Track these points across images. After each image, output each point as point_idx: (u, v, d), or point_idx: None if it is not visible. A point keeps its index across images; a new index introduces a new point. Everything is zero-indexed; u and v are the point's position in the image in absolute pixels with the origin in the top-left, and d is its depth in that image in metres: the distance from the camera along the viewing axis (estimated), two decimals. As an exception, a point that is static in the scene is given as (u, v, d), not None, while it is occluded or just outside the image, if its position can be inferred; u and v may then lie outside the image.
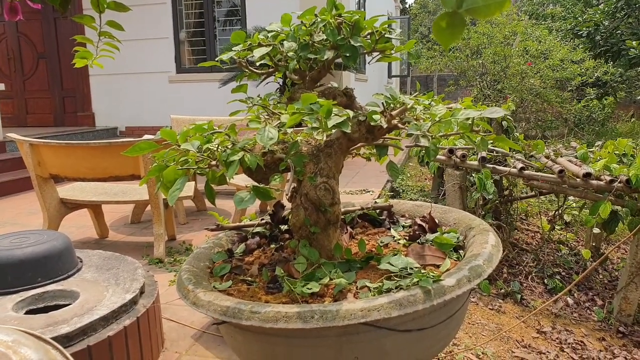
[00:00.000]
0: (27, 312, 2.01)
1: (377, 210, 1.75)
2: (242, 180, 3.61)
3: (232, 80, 6.36)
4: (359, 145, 1.54)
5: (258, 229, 1.65)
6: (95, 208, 3.74)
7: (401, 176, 6.40)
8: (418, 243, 1.43)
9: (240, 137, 1.33)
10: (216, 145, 1.26)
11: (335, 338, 1.07)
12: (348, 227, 1.61)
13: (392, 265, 1.26)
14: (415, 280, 1.11)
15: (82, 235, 3.93)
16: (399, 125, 1.19)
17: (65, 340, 1.76)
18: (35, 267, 2.12)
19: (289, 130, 1.43)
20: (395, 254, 1.33)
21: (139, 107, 7.76)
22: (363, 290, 1.16)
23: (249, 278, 1.29)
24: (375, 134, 1.27)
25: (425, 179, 6.42)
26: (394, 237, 1.50)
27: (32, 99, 8.71)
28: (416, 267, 1.26)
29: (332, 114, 1.10)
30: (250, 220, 1.65)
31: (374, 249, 1.42)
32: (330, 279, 1.22)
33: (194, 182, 3.79)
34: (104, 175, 3.24)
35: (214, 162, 1.25)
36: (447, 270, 1.22)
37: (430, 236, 1.46)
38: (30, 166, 3.35)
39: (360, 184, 5.52)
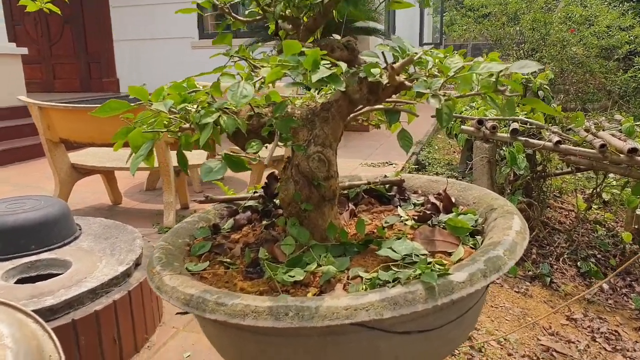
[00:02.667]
0: (18, 281, 1.92)
1: (387, 186, 1.55)
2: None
3: (253, 44, 6.13)
4: (364, 110, 1.33)
5: (250, 203, 1.48)
6: (107, 174, 3.65)
7: (428, 148, 6.12)
8: (428, 225, 1.22)
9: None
10: (196, 106, 1.07)
11: (318, 338, 0.89)
12: (350, 204, 1.42)
13: (394, 251, 1.07)
14: (417, 272, 0.92)
15: (96, 201, 3.87)
16: (406, 83, 0.97)
17: (49, 313, 1.66)
18: (28, 234, 2.02)
19: (290, 92, 1.23)
20: (400, 238, 1.13)
21: (162, 73, 7.65)
22: (355, 281, 0.97)
23: (227, 260, 1.12)
24: (379, 94, 1.05)
25: (454, 151, 6.13)
26: (401, 217, 1.29)
27: (59, 64, 8.71)
28: (422, 255, 1.06)
29: (320, 67, 0.89)
30: (256, 192, 1.47)
31: (375, 230, 1.23)
32: (319, 265, 1.04)
33: (206, 152, 3.64)
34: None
35: (186, 125, 1.06)
36: (460, 260, 1.02)
37: (444, 217, 1.26)
38: (41, 130, 3.26)
39: (383, 156, 5.28)
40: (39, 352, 1.46)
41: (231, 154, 0.93)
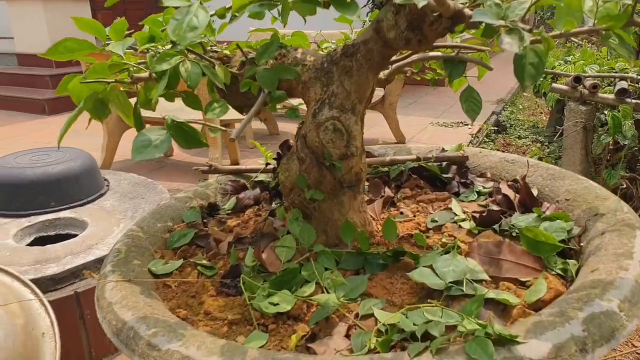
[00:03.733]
0: (36, 240, 1.79)
1: (443, 164, 1.17)
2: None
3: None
4: (410, 59, 0.95)
5: (263, 177, 1.17)
6: (157, 125, 3.50)
7: (510, 108, 5.44)
8: (494, 231, 0.84)
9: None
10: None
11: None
12: (387, 188, 1.06)
13: (436, 274, 0.71)
14: (464, 326, 0.56)
15: (149, 151, 3.76)
16: (465, 10, 0.58)
17: (51, 282, 1.49)
18: (47, 190, 1.87)
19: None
20: (448, 251, 0.77)
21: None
22: (366, 325, 0.64)
23: (204, 262, 0.82)
24: (425, 32, 0.67)
25: (541, 112, 5.40)
26: (455, 214, 0.92)
27: (130, 10, 8.71)
28: (479, 281, 0.70)
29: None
30: (269, 165, 1.15)
31: (417, 231, 0.87)
32: (320, 287, 0.71)
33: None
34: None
35: (144, 74, 0.75)
36: (539, 303, 0.65)
37: (519, 219, 0.87)
38: (89, 75, 3.12)
39: (458, 115, 4.74)
40: (25, 332, 1.29)
41: (181, 121, 0.61)
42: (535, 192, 0.97)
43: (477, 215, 0.90)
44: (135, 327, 0.61)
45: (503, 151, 4.06)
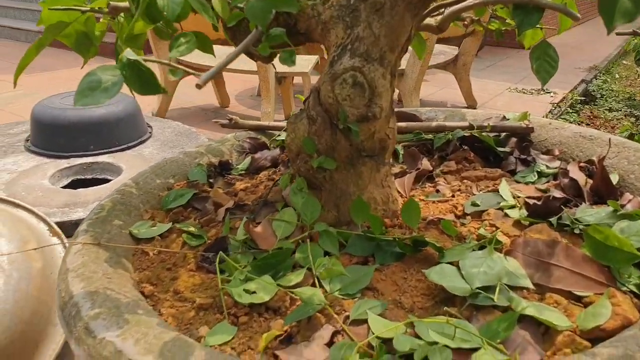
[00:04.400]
0: (73, 182, 1.78)
1: (501, 135, 0.97)
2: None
3: None
4: (468, 3, 0.75)
5: (283, 136, 1.03)
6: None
7: (604, 76, 4.87)
8: (550, 225, 0.66)
9: None
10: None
11: None
12: (424, 160, 0.88)
13: (461, 274, 0.56)
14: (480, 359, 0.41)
15: (205, 101, 3.73)
16: None
17: (76, 227, 1.47)
18: (86, 133, 1.85)
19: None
20: (484, 246, 0.61)
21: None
22: (356, 334, 0.50)
23: (192, 229, 0.70)
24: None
25: None
26: (503, 198, 0.74)
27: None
28: (518, 289, 0.54)
29: None
30: None
31: (450, 216, 0.71)
32: (312, 275, 0.57)
33: (316, 55, 3.18)
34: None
35: (123, 3, 0.62)
36: (598, 328, 0.48)
37: (587, 213, 0.68)
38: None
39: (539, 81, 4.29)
40: (43, 276, 1.27)
41: (141, 60, 0.48)
42: (614, 179, 0.76)
43: (531, 202, 0.72)
44: (79, 304, 0.51)
45: (588, 125, 3.64)
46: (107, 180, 1.74)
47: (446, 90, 4.03)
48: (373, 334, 0.47)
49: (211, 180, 0.89)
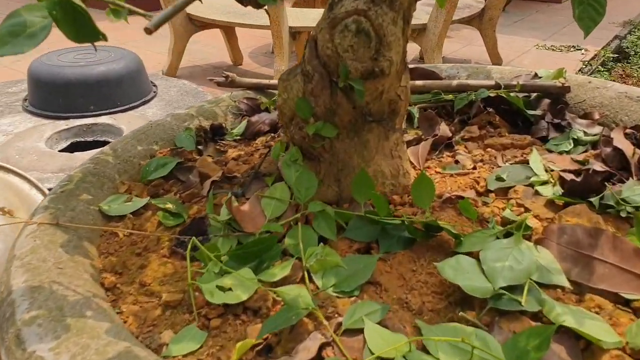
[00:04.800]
0: (72, 145, 1.71)
1: (532, 95, 0.84)
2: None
3: None
4: None
5: (288, 95, 0.91)
6: (226, 30, 3.28)
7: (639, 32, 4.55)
8: (591, 206, 0.55)
9: None
10: None
11: None
12: (443, 125, 0.76)
13: (483, 270, 0.45)
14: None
15: (219, 58, 3.58)
16: None
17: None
18: (86, 92, 1.75)
19: None
20: (510, 233, 0.50)
21: None
22: (350, 346, 0.40)
23: (169, 206, 0.61)
24: None
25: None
26: (534, 171, 0.62)
27: None
28: (549, 288, 0.43)
29: None
30: None
31: (470, 192, 0.60)
32: (301, 265, 0.48)
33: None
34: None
35: None
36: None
37: (635, 191, 0.56)
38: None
39: (571, 37, 4.03)
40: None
41: (76, 2, 0.37)
42: (669, 151, 0.64)
43: (567, 176, 0.60)
44: (16, 303, 0.43)
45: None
46: (109, 142, 1.66)
47: (470, 48, 3.81)
48: (370, 351, 0.38)
49: (200, 147, 0.79)
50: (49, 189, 1.27)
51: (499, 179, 0.62)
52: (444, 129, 0.75)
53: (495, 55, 3.36)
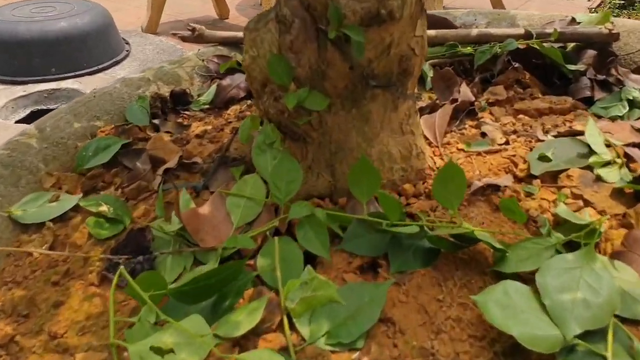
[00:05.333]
0: (32, 114, 1.53)
1: (568, 45, 0.67)
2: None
3: None
4: None
5: (267, 52, 0.74)
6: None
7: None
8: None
9: None
10: None
11: None
12: (463, 85, 0.60)
13: (545, 306, 0.31)
14: None
15: (204, 12, 3.32)
16: None
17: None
18: (46, 52, 1.55)
19: None
20: (575, 243, 0.35)
21: None
22: None
23: (104, 210, 0.45)
24: None
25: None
26: (588, 149, 0.47)
27: None
28: (636, 323, 0.29)
29: None
30: None
31: (506, 177, 0.45)
32: (280, 308, 0.33)
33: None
34: None
35: None
36: None
37: None
38: None
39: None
40: None
41: None
42: None
43: (635, 154, 0.45)
44: None
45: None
46: (74, 110, 1.48)
47: (469, -5, 3.56)
48: None
49: (157, 121, 0.63)
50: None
51: (544, 158, 0.46)
52: (464, 91, 0.58)
53: (499, 3, 3.13)
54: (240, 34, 0.79)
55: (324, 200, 0.45)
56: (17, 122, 1.40)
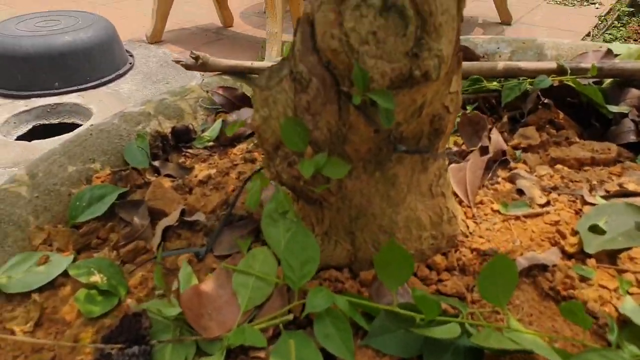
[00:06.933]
0: (34, 129, 1.49)
1: (604, 81, 0.62)
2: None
3: None
4: None
5: (278, 84, 0.69)
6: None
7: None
8: None
9: None
10: None
11: None
12: (494, 131, 0.55)
13: None
14: None
15: (208, 20, 3.29)
16: None
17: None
18: (48, 67, 1.51)
19: None
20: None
21: None
22: None
23: (96, 280, 0.40)
24: None
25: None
26: (649, 217, 0.41)
27: None
28: None
29: None
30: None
31: (551, 257, 0.39)
32: None
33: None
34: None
35: None
36: None
37: None
38: None
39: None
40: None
41: None
42: None
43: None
44: None
45: (635, 40, 3.16)
46: (77, 126, 1.44)
47: (476, 4, 3.50)
48: None
49: (157, 164, 0.58)
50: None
51: (596, 229, 0.41)
52: (496, 139, 0.53)
53: (505, 13, 3.07)
54: (245, 64, 0.74)
55: (342, 272, 0.40)
56: (18, 137, 1.36)
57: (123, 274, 0.42)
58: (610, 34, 3.19)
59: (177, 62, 0.74)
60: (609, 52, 0.66)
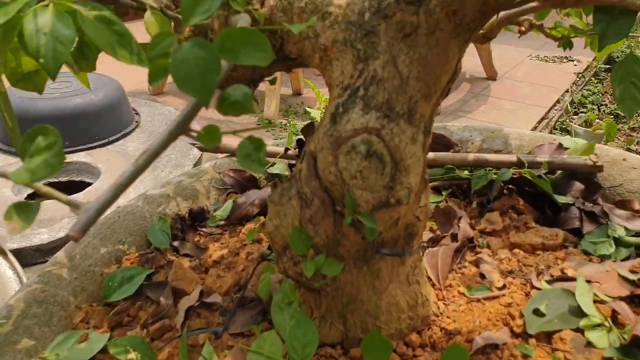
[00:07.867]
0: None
1: (556, 173, 0.73)
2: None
3: None
4: (532, 5, 0.51)
5: (279, 168, 0.80)
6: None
7: (629, 41, 4.48)
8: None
9: None
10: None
11: None
12: (462, 221, 0.65)
13: None
14: None
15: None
16: None
17: (39, 254, 1.28)
18: (60, 128, 1.60)
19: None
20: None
21: None
22: None
23: (129, 358, 0.49)
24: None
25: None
26: (578, 307, 0.51)
27: None
28: None
29: None
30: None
31: (500, 335, 0.48)
32: None
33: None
34: None
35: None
36: None
37: None
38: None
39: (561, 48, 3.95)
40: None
41: None
42: None
43: (623, 313, 0.49)
44: None
45: (612, 94, 3.35)
46: (86, 184, 1.53)
47: (464, 60, 3.70)
48: None
49: (176, 244, 0.67)
50: (12, 250, 1.14)
51: (537, 312, 0.50)
52: (464, 228, 0.63)
53: (490, 68, 3.27)
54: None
55: (335, 349, 0.49)
56: (28, 196, 1.45)
57: (153, 351, 0.50)
58: (588, 89, 3.41)
59: (193, 144, 0.84)
60: (560, 146, 0.78)
